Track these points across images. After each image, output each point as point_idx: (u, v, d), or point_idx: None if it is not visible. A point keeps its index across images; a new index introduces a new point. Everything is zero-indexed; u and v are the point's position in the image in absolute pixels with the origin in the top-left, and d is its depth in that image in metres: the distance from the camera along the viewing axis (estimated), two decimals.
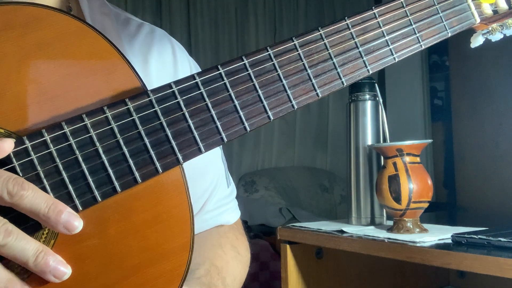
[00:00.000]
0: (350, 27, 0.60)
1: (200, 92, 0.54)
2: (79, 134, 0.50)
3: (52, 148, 0.49)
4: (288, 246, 1.16)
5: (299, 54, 0.58)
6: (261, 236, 3.11)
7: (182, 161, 0.53)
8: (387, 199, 1.01)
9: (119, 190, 0.50)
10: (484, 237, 0.84)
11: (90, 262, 0.50)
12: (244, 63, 0.55)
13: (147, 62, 0.75)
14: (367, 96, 1.17)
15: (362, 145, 1.16)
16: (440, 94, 4.27)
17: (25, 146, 0.48)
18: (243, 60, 0.55)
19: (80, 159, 0.50)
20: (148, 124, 0.52)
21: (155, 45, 0.77)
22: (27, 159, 0.48)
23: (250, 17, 4.05)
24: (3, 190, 0.45)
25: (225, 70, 0.55)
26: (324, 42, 0.59)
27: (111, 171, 0.50)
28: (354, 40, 0.60)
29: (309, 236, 1.12)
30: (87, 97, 0.51)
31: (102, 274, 0.51)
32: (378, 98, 1.17)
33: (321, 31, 0.59)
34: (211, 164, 0.82)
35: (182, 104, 0.53)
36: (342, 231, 1.08)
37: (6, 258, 0.47)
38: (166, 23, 3.71)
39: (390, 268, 1.24)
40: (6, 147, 0.47)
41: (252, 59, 0.56)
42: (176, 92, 0.53)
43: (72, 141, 0.49)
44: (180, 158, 0.52)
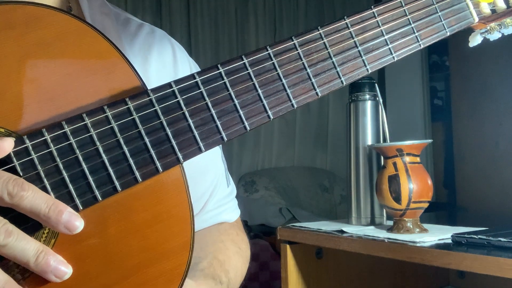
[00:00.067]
0: (349, 26, 0.60)
1: (200, 91, 0.54)
2: (80, 134, 0.50)
3: (53, 148, 0.49)
4: (288, 246, 1.16)
5: (298, 53, 0.58)
6: (261, 236, 3.11)
7: (182, 160, 0.53)
8: (387, 199, 1.01)
9: (120, 190, 0.50)
10: (484, 237, 0.84)
11: (91, 262, 0.50)
12: (243, 62, 0.55)
13: (147, 63, 0.75)
14: (367, 96, 1.17)
15: (362, 145, 1.16)
16: (440, 94, 4.27)
17: (25, 146, 0.48)
18: (242, 59, 0.55)
19: (81, 158, 0.50)
20: (148, 124, 0.52)
21: (155, 45, 0.77)
22: (27, 159, 0.48)
23: (250, 17, 4.05)
24: (3, 191, 0.45)
25: (225, 69, 0.55)
26: (323, 41, 0.59)
27: (111, 171, 0.50)
28: (353, 39, 0.60)
29: (309, 236, 1.12)
30: (87, 96, 0.51)
31: (102, 273, 0.50)
32: (378, 98, 1.17)
33: (320, 31, 0.59)
34: (211, 163, 0.82)
35: (182, 103, 0.53)
36: (342, 231, 1.07)
37: (6, 258, 0.47)
38: (166, 23, 3.71)
39: (390, 268, 1.24)
40: (6, 146, 0.47)
41: (251, 59, 0.56)
42: (176, 91, 0.53)
43: (73, 140, 0.49)
44: (180, 157, 0.52)
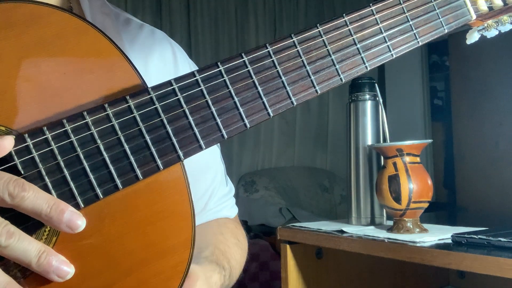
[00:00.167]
0: (348, 24, 0.60)
1: (200, 89, 0.54)
2: (80, 132, 0.50)
3: (54, 146, 0.49)
4: (288, 246, 1.16)
5: (298, 51, 0.58)
6: (261, 236, 3.11)
7: (183, 158, 0.53)
8: (387, 199, 1.01)
9: (121, 187, 0.51)
10: (484, 237, 0.84)
11: (92, 259, 0.50)
12: (243, 60, 0.56)
13: (148, 63, 0.75)
14: (367, 96, 1.17)
15: (362, 145, 1.16)
16: (440, 94, 4.27)
17: (26, 144, 0.48)
18: (242, 57, 0.56)
19: (82, 156, 0.50)
20: (149, 121, 0.52)
21: (155, 46, 0.77)
22: (28, 157, 0.48)
23: (250, 17, 4.05)
24: (4, 192, 0.45)
25: (225, 67, 0.55)
26: (322, 39, 0.59)
27: (112, 168, 0.50)
28: (352, 36, 0.60)
29: (309, 236, 1.12)
30: (87, 94, 0.51)
31: (104, 271, 0.51)
32: (378, 98, 1.17)
33: (319, 28, 0.59)
34: (211, 162, 0.83)
35: (182, 101, 0.53)
36: (342, 231, 1.07)
37: (5, 258, 0.47)
38: (166, 23, 3.71)
39: (390, 268, 1.24)
40: (7, 144, 0.47)
41: (251, 56, 0.56)
42: (177, 89, 0.53)
43: (73, 138, 0.50)
44: (181, 155, 0.53)
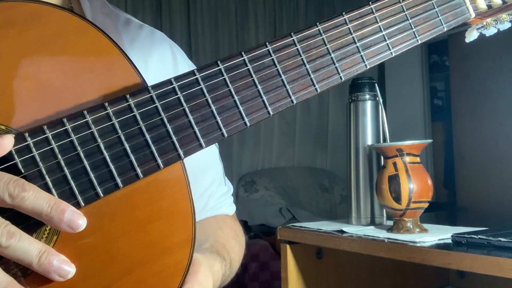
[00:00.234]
0: (348, 22, 0.60)
1: (200, 87, 0.54)
2: (81, 131, 0.50)
3: (54, 145, 0.49)
4: (288, 246, 1.16)
5: (297, 49, 0.58)
6: (261, 236, 3.11)
7: (183, 156, 0.53)
8: (387, 199, 1.01)
9: (121, 186, 0.51)
10: (484, 237, 0.84)
11: (93, 258, 0.50)
12: (243, 58, 0.56)
13: (147, 63, 0.75)
14: (367, 96, 1.17)
15: (362, 145, 1.16)
16: (440, 94, 4.27)
17: (26, 143, 0.48)
18: (242, 55, 0.56)
19: (82, 155, 0.50)
20: (149, 120, 0.52)
21: (155, 47, 0.78)
22: (28, 156, 0.48)
23: (250, 17, 4.06)
24: (4, 193, 0.45)
25: (224, 65, 0.55)
26: (322, 37, 0.59)
27: (112, 167, 0.50)
28: (352, 35, 0.60)
29: (309, 236, 1.12)
30: (87, 93, 0.52)
31: (104, 269, 0.51)
32: (378, 98, 1.17)
33: (319, 27, 0.59)
34: (211, 162, 0.83)
35: (182, 99, 0.53)
36: (342, 231, 1.07)
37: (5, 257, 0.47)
38: (166, 23, 3.71)
39: (390, 268, 1.24)
40: (7, 143, 0.47)
41: (251, 55, 0.56)
42: (177, 88, 0.53)
43: (74, 137, 0.50)
44: (181, 153, 0.53)
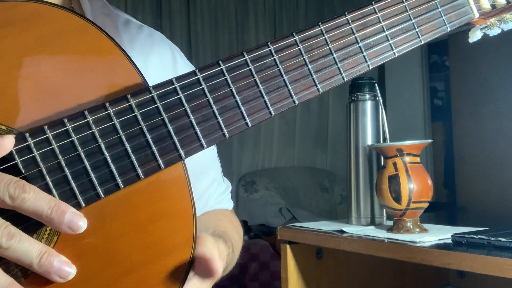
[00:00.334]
0: (350, 22, 0.60)
1: (201, 88, 0.54)
2: (81, 131, 0.50)
3: (55, 145, 0.49)
4: (288, 246, 1.16)
5: (299, 49, 0.58)
6: (261, 236, 3.11)
7: (184, 157, 0.53)
8: (387, 199, 1.01)
9: (122, 186, 0.51)
10: (484, 237, 0.84)
11: (93, 258, 0.50)
12: (245, 59, 0.55)
13: (147, 64, 0.75)
14: (367, 96, 1.17)
15: (362, 145, 1.16)
16: (440, 94, 4.27)
17: (27, 143, 0.48)
18: (244, 56, 0.55)
19: (83, 155, 0.50)
20: (150, 120, 0.52)
21: (155, 47, 0.78)
22: (29, 156, 0.48)
23: (250, 17, 4.06)
24: (5, 194, 0.45)
25: (226, 66, 0.55)
26: (324, 37, 0.59)
27: (113, 167, 0.50)
28: (354, 35, 0.60)
29: (309, 236, 1.12)
30: (88, 93, 0.51)
31: (105, 270, 0.51)
32: (378, 98, 1.17)
33: (321, 27, 0.59)
34: (211, 162, 0.84)
35: (183, 100, 0.53)
36: (342, 231, 1.07)
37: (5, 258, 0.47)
38: (166, 23, 3.71)
39: (390, 268, 1.24)
40: (7, 143, 0.47)
41: (253, 55, 0.56)
42: (178, 88, 0.53)
43: (74, 137, 0.49)
44: (182, 154, 0.52)
